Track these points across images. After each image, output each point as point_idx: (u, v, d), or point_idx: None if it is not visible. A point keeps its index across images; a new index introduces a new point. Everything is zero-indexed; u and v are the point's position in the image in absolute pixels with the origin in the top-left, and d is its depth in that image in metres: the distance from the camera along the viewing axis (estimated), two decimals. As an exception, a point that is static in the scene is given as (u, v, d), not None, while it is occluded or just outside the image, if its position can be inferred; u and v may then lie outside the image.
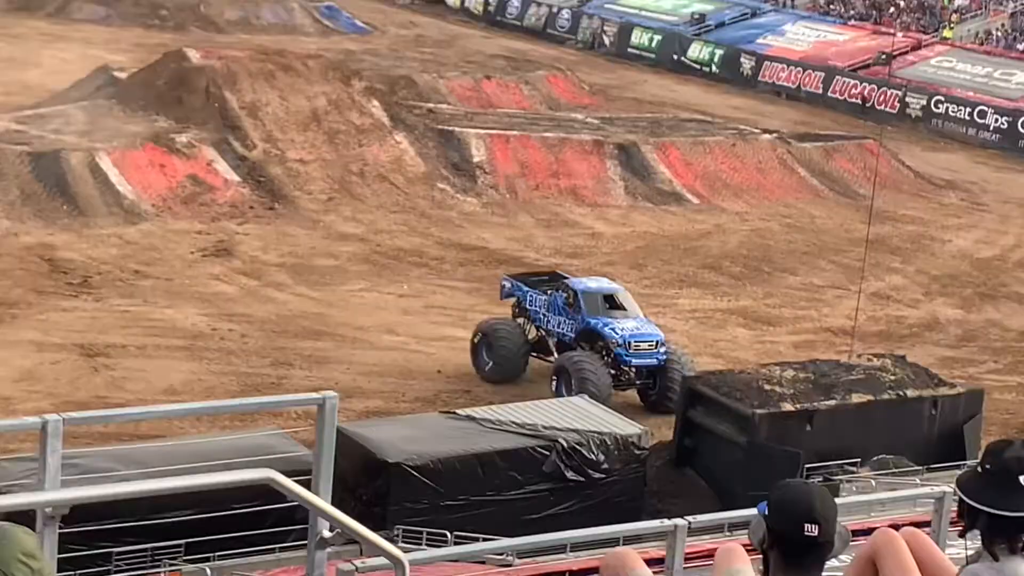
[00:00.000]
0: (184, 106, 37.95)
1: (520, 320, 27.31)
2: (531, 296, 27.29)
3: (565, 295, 26.62)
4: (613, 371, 25.44)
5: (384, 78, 46.00)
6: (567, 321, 26.51)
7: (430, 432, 19.98)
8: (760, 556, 4.83)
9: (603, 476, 19.85)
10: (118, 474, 14.93)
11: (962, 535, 4.89)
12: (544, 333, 26.97)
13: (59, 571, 5.23)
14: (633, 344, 25.54)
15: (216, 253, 31.89)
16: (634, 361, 25.55)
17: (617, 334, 25.71)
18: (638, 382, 25.90)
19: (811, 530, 4.60)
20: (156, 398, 24.11)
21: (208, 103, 37.86)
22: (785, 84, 59.15)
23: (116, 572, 15.51)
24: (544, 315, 26.92)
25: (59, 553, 5.46)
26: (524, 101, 48.85)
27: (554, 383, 25.46)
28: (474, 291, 31.03)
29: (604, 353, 25.67)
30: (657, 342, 25.79)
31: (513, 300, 27.79)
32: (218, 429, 21.06)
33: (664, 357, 25.59)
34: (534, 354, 26.89)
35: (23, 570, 4.26)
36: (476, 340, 26.46)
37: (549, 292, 26.99)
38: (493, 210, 37.14)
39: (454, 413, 21.13)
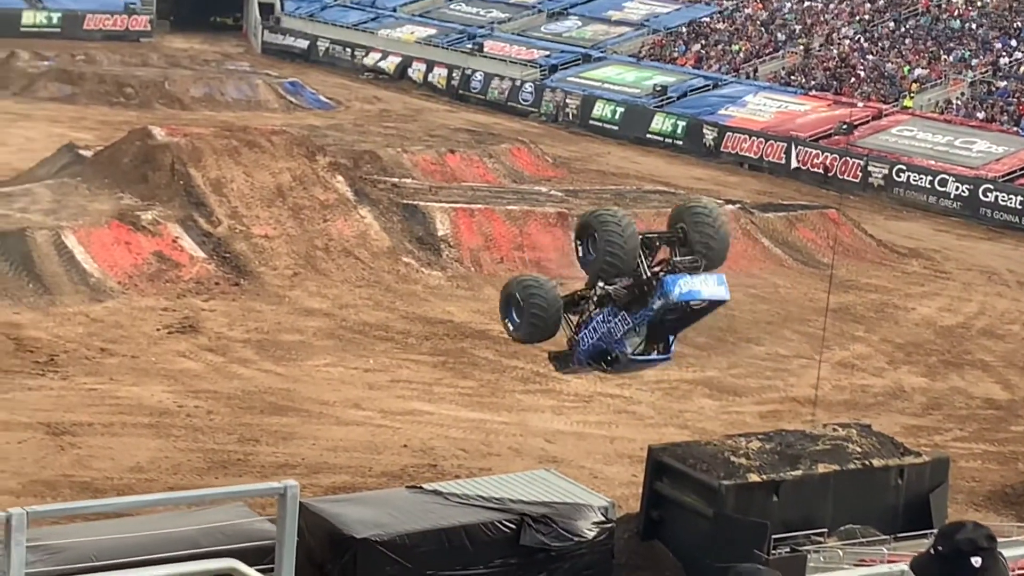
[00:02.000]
0: (149, 183, 38.03)
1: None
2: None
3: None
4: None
5: (348, 153, 46.21)
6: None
7: (397, 507, 19.96)
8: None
9: (570, 549, 19.85)
10: (85, 565, 14.86)
11: (917, 615, 4.97)
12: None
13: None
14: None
15: (182, 330, 31.85)
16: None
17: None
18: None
19: (765, 615, 4.68)
20: (123, 476, 24.03)
21: (173, 180, 37.95)
22: (748, 155, 59.67)
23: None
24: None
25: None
26: (488, 174, 49.10)
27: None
28: (440, 365, 31.07)
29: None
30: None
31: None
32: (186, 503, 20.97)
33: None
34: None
35: None
36: None
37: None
38: (458, 283, 37.23)
39: (421, 488, 21.10)
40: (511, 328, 22.73)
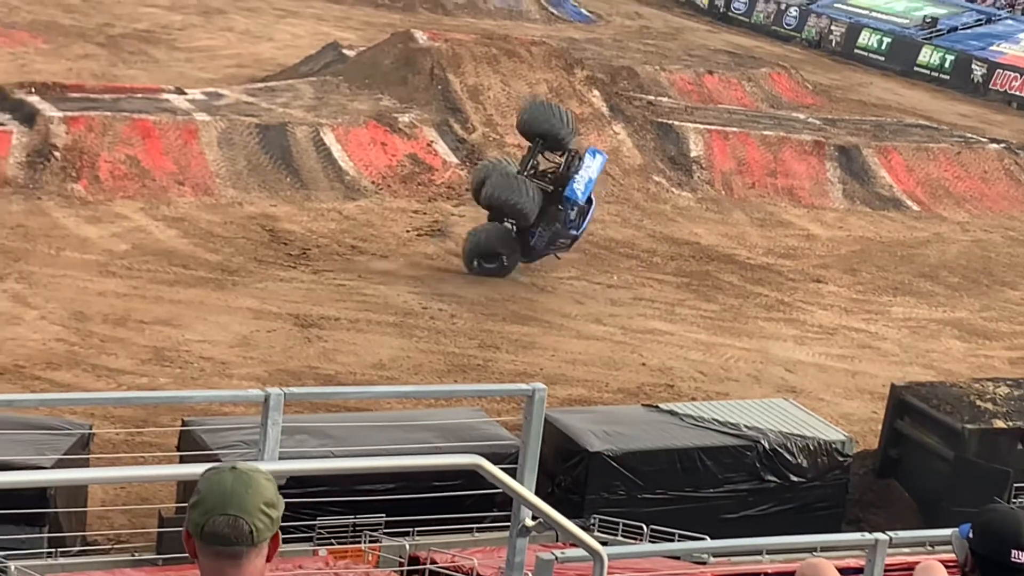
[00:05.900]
0: (408, 86, 38.46)
1: None
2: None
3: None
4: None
5: (606, 68, 46.02)
6: None
7: (631, 424, 20.01)
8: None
9: (804, 480, 19.67)
10: (332, 449, 15.22)
11: None
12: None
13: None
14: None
15: (431, 233, 32.28)
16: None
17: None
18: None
19: (1019, 557, 4.52)
20: (365, 372, 24.56)
21: (432, 84, 38.31)
22: (1017, 93, 57.69)
23: (319, 543, 15.83)
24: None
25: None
26: (745, 98, 48.44)
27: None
28: (683, 286, 30.91)
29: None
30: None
31: None
32: (422, 404, 21.34)
33: None
34: None
35: (264, 520, 4.29)
36: None
37: None
38: (707, 206, 36.92)
39: (656, 407, 21.11)
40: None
